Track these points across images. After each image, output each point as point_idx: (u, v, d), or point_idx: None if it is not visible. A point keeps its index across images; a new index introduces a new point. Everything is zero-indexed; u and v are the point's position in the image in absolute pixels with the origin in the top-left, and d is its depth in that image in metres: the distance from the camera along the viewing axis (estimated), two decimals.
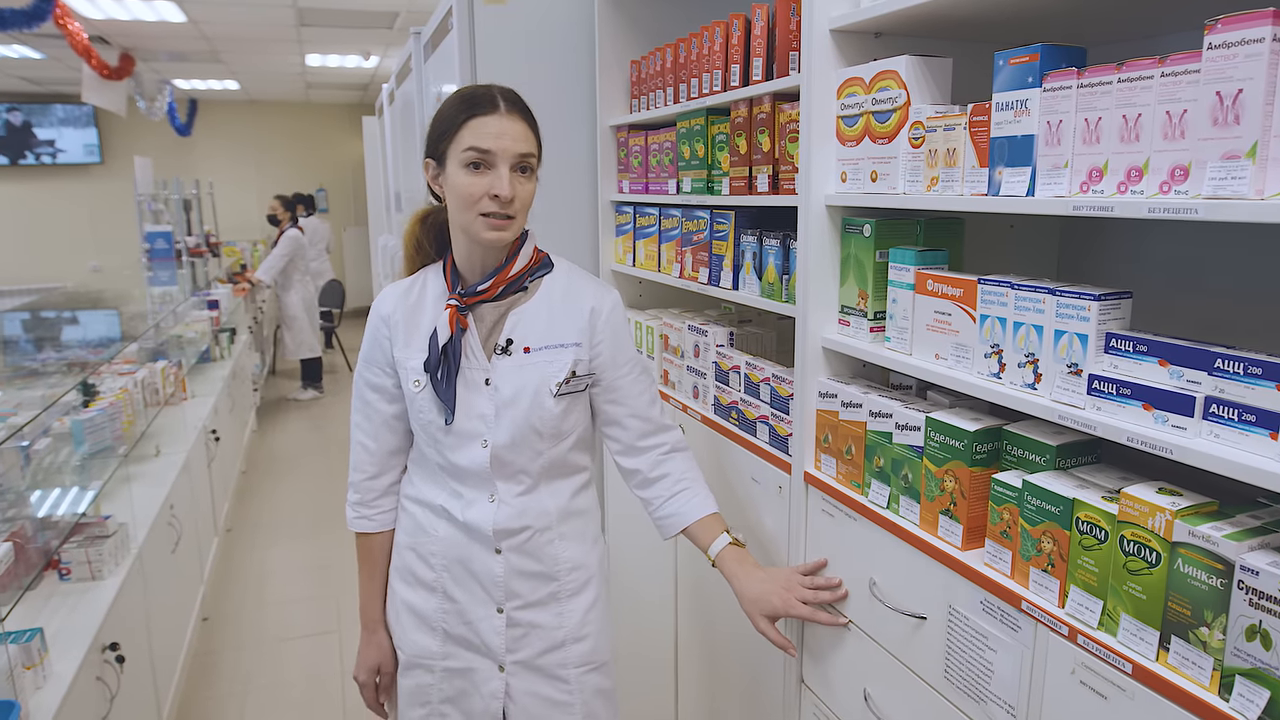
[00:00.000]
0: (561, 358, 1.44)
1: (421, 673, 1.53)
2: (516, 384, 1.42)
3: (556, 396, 1.43)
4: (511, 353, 1.43)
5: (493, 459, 1.43)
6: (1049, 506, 1.05)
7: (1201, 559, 0.88)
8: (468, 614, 1.49)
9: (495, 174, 1.33)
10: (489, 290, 1.43)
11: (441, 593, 1.50)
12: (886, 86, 1.31)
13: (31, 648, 1.86)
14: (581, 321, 1.47)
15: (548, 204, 2.45)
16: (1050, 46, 1.06)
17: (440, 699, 1.53)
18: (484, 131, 1.33)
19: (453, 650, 1.51)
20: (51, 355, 3.46)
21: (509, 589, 1.48)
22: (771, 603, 1.42)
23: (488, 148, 1.32)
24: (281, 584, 3.90)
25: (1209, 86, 0.86)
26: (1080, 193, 1.03)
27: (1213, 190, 0.85)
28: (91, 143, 10.10)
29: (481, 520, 1.45)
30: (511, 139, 1.34)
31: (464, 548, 1.47)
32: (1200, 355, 0.91)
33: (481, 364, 1.43)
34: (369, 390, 1.51)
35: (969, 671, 1.17)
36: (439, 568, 1.49)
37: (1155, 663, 0.93)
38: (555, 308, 1.47)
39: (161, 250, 6.21)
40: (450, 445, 1.44)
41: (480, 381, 1.43)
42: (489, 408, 1.43)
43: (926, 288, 1.28)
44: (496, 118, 1.34)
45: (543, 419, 1.43)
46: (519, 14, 2.36)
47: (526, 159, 1.36)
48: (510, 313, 1.45)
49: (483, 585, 1.48)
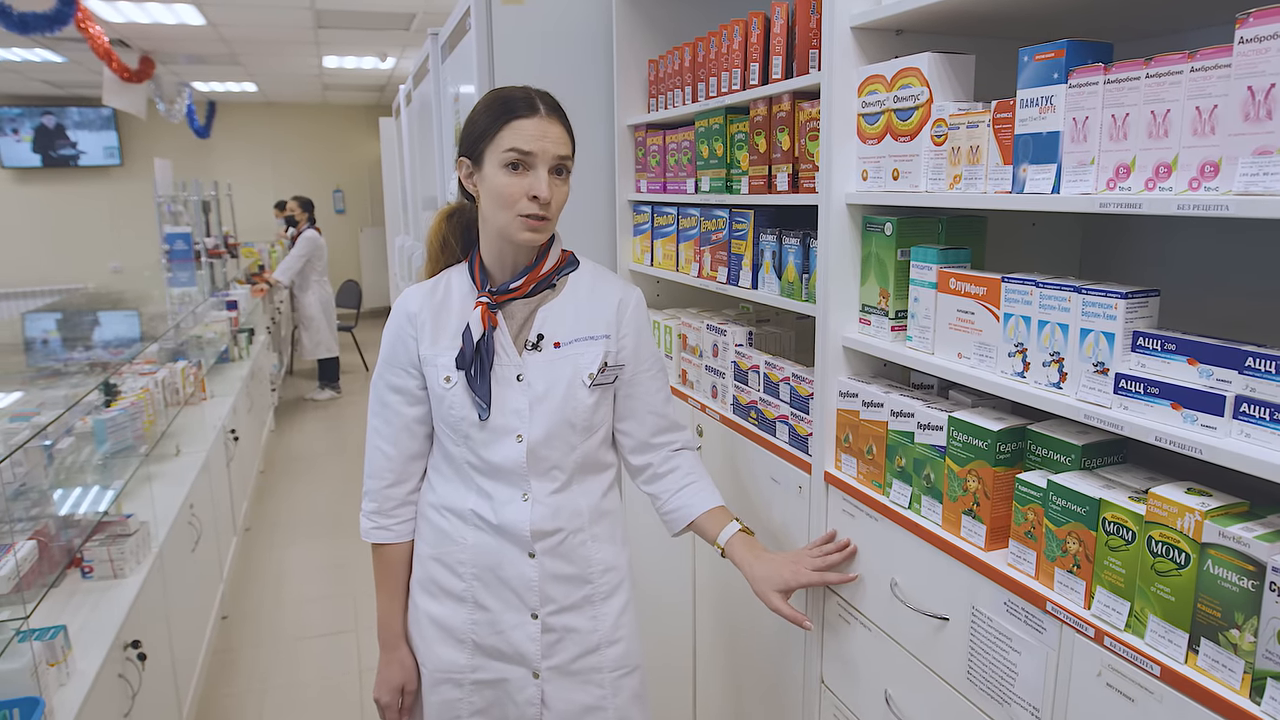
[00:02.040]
0: (592, 350, 1.46)
1: (450, 688, 1.49)
2: (549, 378, 1.43)
3: (590, 388, 1.45)
4: (542, 348, 1.44)
5: (529, 454, 1.43)
6: (1075, 507, 1.04)
7: (1232, 560, 0.87)
8: (500, 623, 1.46)
9: (534, 175, 1.35)
10: (521, 287, 1.44)
11: (472, 602, 1.47)
12: (909, 84, 1.30)
13: (55, 645, 1.88)
14: (609, 314, 1.48)
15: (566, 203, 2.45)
16: (1076, 42, 1.05)
17: (470, 712, 1.50)
18: (525, 133, 1.34)
19: (482, 662, 1.48)
20: (74, 356, 3.49)
21: (544, 594, 1.46)
22: (782, 575, 1.43)
23: (529, 149, 1.34)
24: (299, 583, 3.93)
25: (1240, 81, 0.84)
26: (1107, 190, 1.01)
27: (1244, 186, 0.84)
28: (112, 145, 10.20)
29: (517, 521, 1.43)
30: (552, 141, 1.36)
31: (495, 554, 1.45)
32: (1231, 354, 0.89)
33: (514, 360, 1.43)
34: (390, 393, 1.49)
35: (992, 673, 1.16)
36: (468, 577, 1.46)
37: (1184, 665, 0.92)
38: (582, 303, 1.48)
39: (181, 251, 6.26)
40: (483, 441, 1.43)
41: (512, 377, 1.43)
42: (522, 402, 1.43)
43: (949, 286, 1.27)
44: (537, 120, 1.35)
45: (576, 411, 1.44)
46: (537, 14, 2.37)
47: (564, 161, 1.38)
48: (539, 310, 1.46)
49: (516, 591, 1.45)
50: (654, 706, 2.46)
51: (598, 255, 2.45)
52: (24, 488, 2.20)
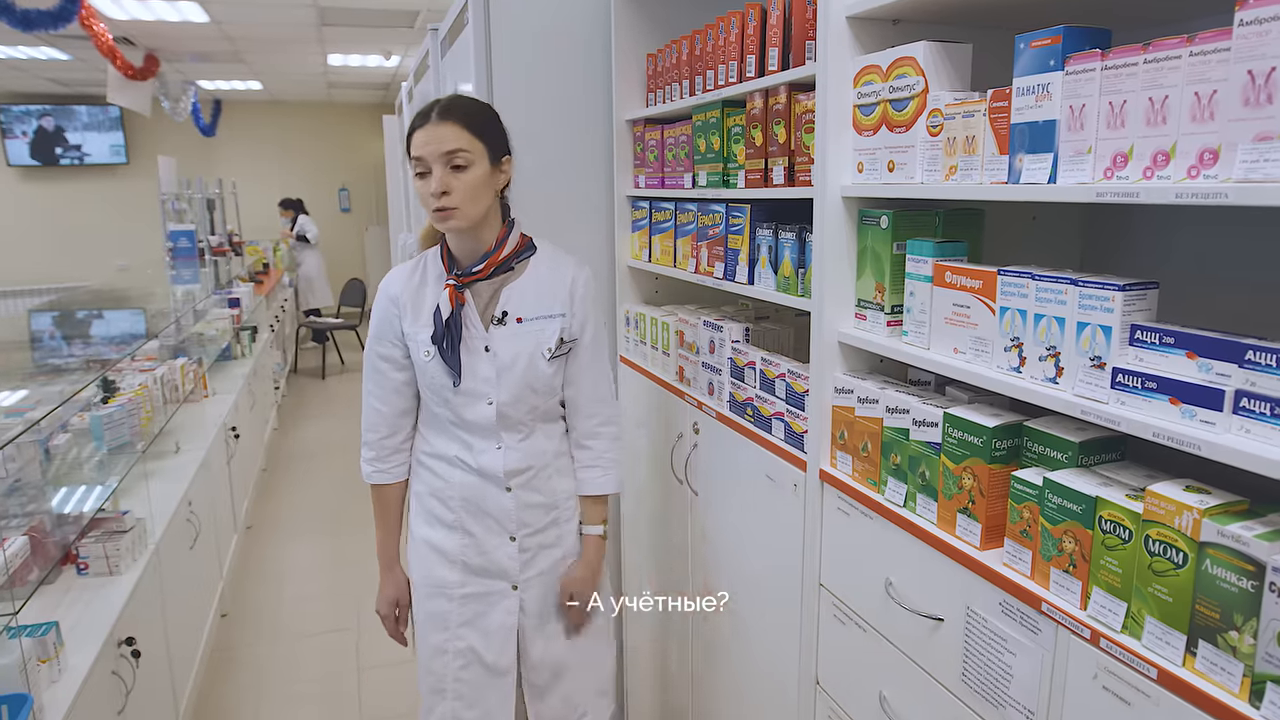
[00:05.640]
0: (550, 327, 1.70)
1: (442, 600, 1.75)
2: (513, 350, 1.67)
3: (549, 360, 1.69)
4: (506, 323, 1.68)
5: (499, 414, 1.68)
6: (1071, 505, 1.02)
7: (1231, 560, 0.84)
8: (484, 545, 1.73)
9: (432, 176, 1.55)
10: (482, 271, 1.67)
11: (461, 530, 1.73)
12: (904, 74, 1.28)
13: (46, 641, 1.87)
14: (564, 293, 1.72)
15: (563, 199, 2.43)
16: (1073, 28, 1.03)
17: (459, 623, 1.75)
18: (418, 142, 1.56)
19: (470, 579, 1.74)
20: (74, 352, 3.49)
21: (520, 519, 1.73)
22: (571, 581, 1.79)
23: (420, 154, 1.56)
24: (301, 580, 3.92)
25: (1240, 65, 0.82)
26: (1104, 179, 0.99)
27: (1244, 173, 0.82)
28: (118, 143, 10.22)
29: (493, 465, 1.70)
30: (439, 142, 1.54)
31: (478, 489, 1.71)
32: (1230, 347, 0.87)
33: (481, 333, 1.67)
34: (380, 361, 1.73)
35: (987, 675, 1.14)
36: (457, 509, 1.72)
37: (1182, 668, 0.89)
38: (542, 283, 1.71)
39: (184, 249, 6.26)
40: (460, 404, 1.68)
41: (481, 349, 1.66)
42: (490, 371, 1.67)
43: (945, 280, 1.24)
44: (428, 128, 1.55)
45: (538, 378, 1.69)
46: (534, 7, 2.34)
47: (454, 155, 1.55)
48: (503, 289, 1.69)
49: (497, 519, 1.72)
50: (650, 706, 2.45)
51: (596, 251, 2.43)
52: (18, 483, 2.19)
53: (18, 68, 8.24)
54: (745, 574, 1.83)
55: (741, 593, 1.85)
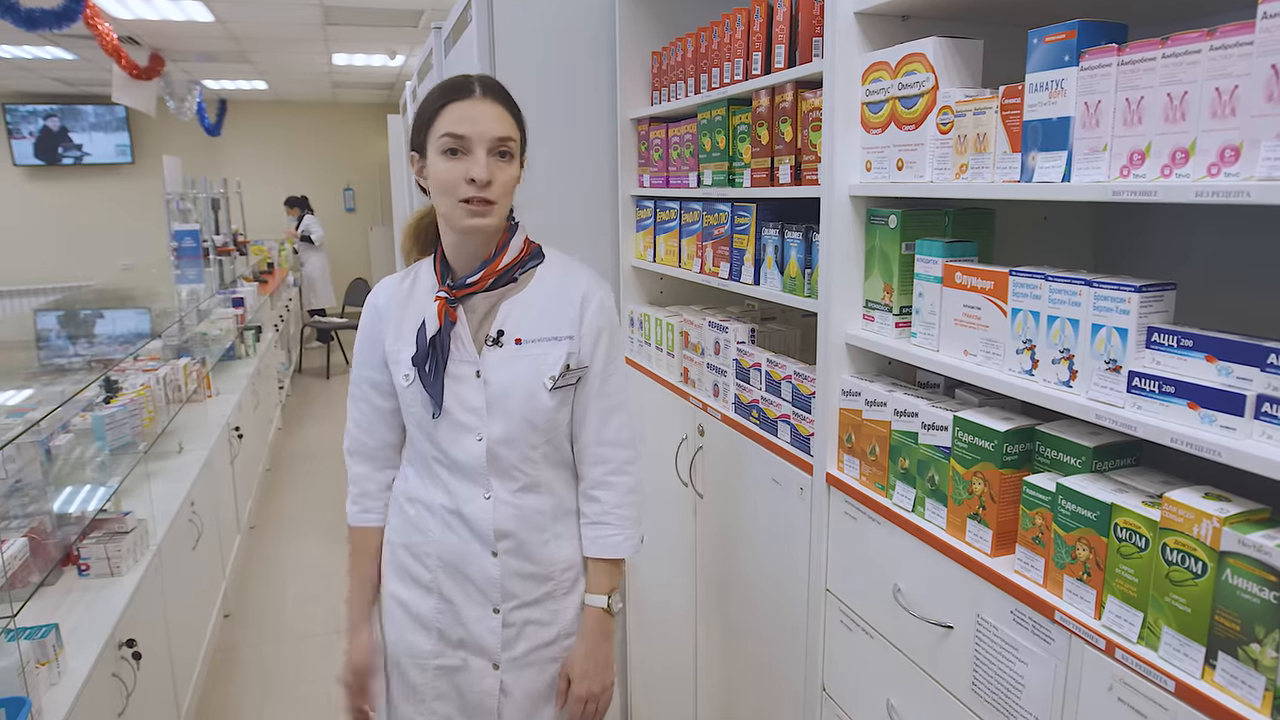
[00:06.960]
0: (555, 351, 1.42)
1: (416, 672, 1.51)
2: (508, 376, 1.40)
3: (551, 390, 1.42)
4: (503, 344, 1.41)
5: (489, 454, 1.41)
6: (1085, 511, 0.99)
7: (1252, 570, 0.81)
8: (463, 615, 1.47)
9: (472, 158, 1.32)
10: (479, 282, 1.41)
11: (437, 593, 1.48)
12: (914, 70, 1.25)
13: (46, 644, 1.85)
14: (573, 312, 1.44)
15: (568, 199, 2.41)
16: (1088, 23, 1.00)
17: (433, 696, 1.51)
18: (458, 116, 1.32)
19: (446, 649, 1.49)
20: (79, 352, 3.47)
21: (505, 590, 1.46)
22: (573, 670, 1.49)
23: (462, 132, 1.31)
24: (304, 581, 3.90)
25: (1264, 59, 0.79)
26: (1121, 177, 0.96)
27: (1267, 171, 0.79)
28: (123, 143, 10.23)
29: (480, 520, 1.43)
30: (486, 122, 1.32)
31: (460, 550, 1.45)
32: (1252, 350, 0.84)
33: (470, 356, 1.41)
34: (365, 386, 1.51)
35: (998, 684, 1.11)
36: (434, 568, 1.48)
37: (1200, 681, 0.87)
38: (548, 299, 1.44)
39: (189, 249, 6.26)
40: (444, 439, 1.42)
41: (470, 374, 1.41)
42: (479, 400, 1.40)
43: (955, 280, 1.22)
44: (471, 102, 1.33)
45: (537, 412, 1.41)
46: (537, 5, 2.32)
47: (504, 143, 1.34)
48: (502, 304, 1.43)
49: (479, 587, 1.46)
50: (654, 710, 2.42)
51: (600, 251, 2.41)
52: (19, 484, 2.18)
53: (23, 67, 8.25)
54: (750, 579, 1.80)
55: (747, 598, 1.82)
